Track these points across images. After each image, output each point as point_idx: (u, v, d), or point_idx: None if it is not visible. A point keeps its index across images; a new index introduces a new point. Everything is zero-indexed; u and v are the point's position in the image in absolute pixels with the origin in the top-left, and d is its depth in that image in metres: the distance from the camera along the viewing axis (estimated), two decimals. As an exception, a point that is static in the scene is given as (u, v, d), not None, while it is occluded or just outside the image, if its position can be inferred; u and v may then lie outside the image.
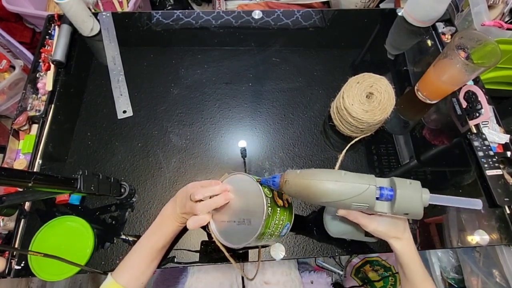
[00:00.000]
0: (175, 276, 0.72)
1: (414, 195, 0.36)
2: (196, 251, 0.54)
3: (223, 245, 0.44)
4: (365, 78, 0.56)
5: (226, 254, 0.45)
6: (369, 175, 0.38)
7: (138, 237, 0.50)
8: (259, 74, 0.71)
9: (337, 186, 0.37)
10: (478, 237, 0.55)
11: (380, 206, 0.37)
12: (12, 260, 0.53)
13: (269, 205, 0.40)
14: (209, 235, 0.55)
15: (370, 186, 0.36)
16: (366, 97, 0.55)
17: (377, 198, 0.37)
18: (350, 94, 0.55)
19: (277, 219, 0.42)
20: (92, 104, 0.67)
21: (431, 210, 0.57)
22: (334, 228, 0.50)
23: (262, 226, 0.39)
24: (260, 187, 0.41)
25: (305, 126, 0.65)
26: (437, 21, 0.77)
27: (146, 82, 0.70)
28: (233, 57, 0.73)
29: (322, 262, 1.10)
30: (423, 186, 0.56)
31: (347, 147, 0.60)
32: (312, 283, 0.75)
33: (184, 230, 0.55)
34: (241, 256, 0.53)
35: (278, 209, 0.43)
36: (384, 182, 0.38)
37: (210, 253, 0.53)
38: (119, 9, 1.17)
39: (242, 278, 0.71)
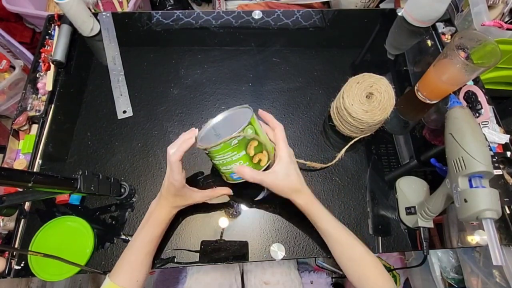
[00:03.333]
0: (175, 277, 0.72)
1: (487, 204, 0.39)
2: (196, 251, 0.54)
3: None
4: (365, 78, 0.56)
5: None
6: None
7: (138, 237, 0.50)
8: (259, 74, 0.71)
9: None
10: (478, 237, 0.55)
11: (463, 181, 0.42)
12: (12, 260, 0.53)
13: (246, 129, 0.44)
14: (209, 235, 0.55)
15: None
16: (366, 97, 0.55)
17: None
18: (350, 94, 0.55)
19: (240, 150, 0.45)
20: (92, 104, 0.67)
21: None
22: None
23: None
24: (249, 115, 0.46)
25: (305, 126, 0.65)
26: (437, 21, 0.77)
27: (146, 82, 0.70)
28: (233, 57, 0.73)
29: (322, 262, 1.09)
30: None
31: (346, 147, 0.60)
32: (312, 283, 0.75)
33: (184, 230, 0.55)
34: (240, 256, 0.53)
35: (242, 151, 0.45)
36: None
37: (210, 253, 0.53)
38: (119, 9, 1.17)
39: (242, 278, 0.71)
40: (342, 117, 0.58)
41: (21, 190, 0.43)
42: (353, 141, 0.60)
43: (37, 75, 0.70)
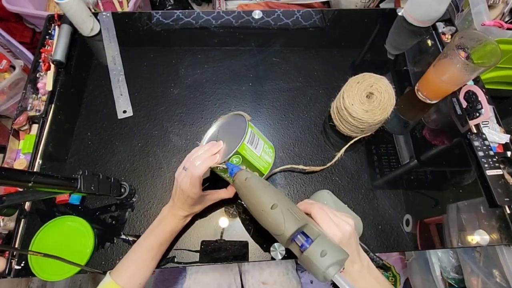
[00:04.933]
0: (174, 277, 0.72)
1: (317, 265, 0.33)
2: (196, 251, 0.54)
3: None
4: (365, 78, 0.56)
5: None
6: (300, 219, 0.36)
7: (138, 237, 0.50)
8: (259, 74, 0.71)
9: (261, 216, 0.38)
10: (478, 237, 0.55)
11: (293, 248, 0.36)
12: (12, 260, 0.53)
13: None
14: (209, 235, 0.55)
15: (283, 233, 0.35)
16: (366, 97, 0.55)
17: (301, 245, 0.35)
18: (350, 94, 0.55)
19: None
20: (92, 104, 0.67)
21: (431, 210, 0.57)
22: None
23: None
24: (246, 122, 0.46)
25: (305, 126, 0.65)
26: (437, 21, 0.77)
27: (146, 82, 0.70)
28: (233, 57, 0.73)
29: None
30: (423, 186, 0.56)
31: (345, 147, 0.60)
32: (312, 283, 0.75)
33: (184, 230, 0.55)
34: (240, 256, 0.53)
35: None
36: (312, 231, 0.35)
37: (210, 253, 0.53)
38: (119, 9, 1.17)
39: (241, 278, 0.71)
40: (342, 117, 0.58)
41: (21, 190, 0.43)
42: (353, 141, 0.60)
43: (37, 75, 0.70)
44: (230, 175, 0.44)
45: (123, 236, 0.54)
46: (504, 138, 0.62)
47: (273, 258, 0.53)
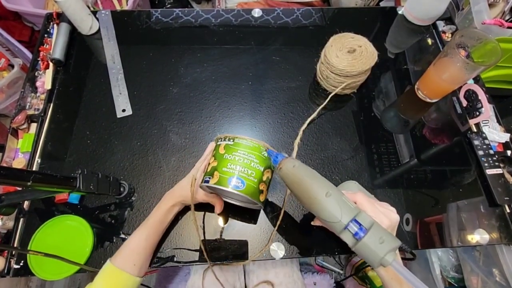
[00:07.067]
0: (178, 273, 0.72)
1: (377, 252, 0.33)
2: (195, 250, 0.54)
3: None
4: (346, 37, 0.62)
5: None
6: (353, 208, 0.35)
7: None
8: (259, 73, 0.71)
9: (314, 203, 0.37)
10: (478, 236, 0.55)
11: (346, 236, 0.35)
12: (11, 259, 0.53)
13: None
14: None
15: (340, 221, 0.35)
16: (348, 52, 0.60)
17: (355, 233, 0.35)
18: (333, 48, 0.61)
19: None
20: (91, 103, 0.67)
21: (431, 209, 0.57)
22: None
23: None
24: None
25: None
26: (438, 20, 0.77)
27: (145, 80, 0.70)
28: (233, 55, 0.73)
29: (322, 261, 1.09)
30: (423, 185, 0.56)
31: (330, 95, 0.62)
32: (315, 284, 0.75)
33: (183, 229, 0.55)
34: (240, 255, 0.53)
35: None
36: (365, 219, 0.35)
37: (210, 252, 0.53)
38: (118, 7, 1.16)
39: (245, 275, 0.71)
40: (327, 69, 0.62)
41: (20, 189, 0.43)
42: (333, 93, 0.62)
43: (35, 74, 0.70)
44: (274, 164, 0.41)
45: (123, 235, 0.54)
46: (504, 137, 0.62)
47: (272, 257, 0.53)
